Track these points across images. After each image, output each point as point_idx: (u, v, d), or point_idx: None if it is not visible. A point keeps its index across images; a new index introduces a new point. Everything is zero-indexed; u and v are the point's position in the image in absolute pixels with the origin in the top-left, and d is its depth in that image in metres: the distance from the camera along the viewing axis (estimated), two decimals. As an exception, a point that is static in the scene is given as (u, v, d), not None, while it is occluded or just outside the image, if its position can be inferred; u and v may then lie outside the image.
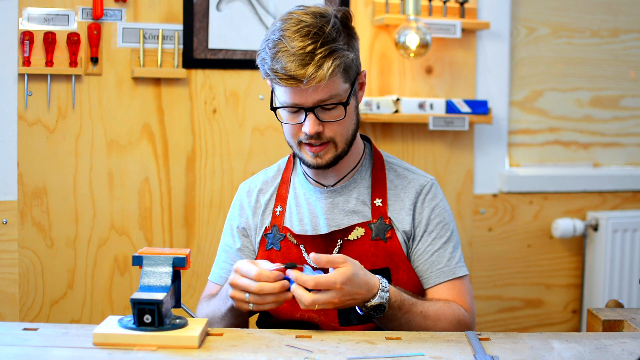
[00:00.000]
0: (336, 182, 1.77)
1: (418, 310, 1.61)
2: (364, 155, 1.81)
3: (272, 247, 1.76)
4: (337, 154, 1.69)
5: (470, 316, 1.72)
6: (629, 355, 1.38)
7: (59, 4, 2.47)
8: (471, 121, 2.75)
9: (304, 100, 1.61)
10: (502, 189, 2.89)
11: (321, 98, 1.61)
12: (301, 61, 1.56)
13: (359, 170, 1.79)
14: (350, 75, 1.66)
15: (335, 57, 1.58)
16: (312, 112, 1.62)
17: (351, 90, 1.66)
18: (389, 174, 1.79)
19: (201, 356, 1.34)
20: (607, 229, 2.85)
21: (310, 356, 1.35)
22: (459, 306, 1.71)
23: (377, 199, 1.75)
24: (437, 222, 1.76)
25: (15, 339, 1.41)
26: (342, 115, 1.65)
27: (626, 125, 3.04)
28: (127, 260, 2.58)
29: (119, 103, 2.55)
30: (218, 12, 2.59)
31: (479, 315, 2.90)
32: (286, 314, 1.71)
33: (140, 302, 1.38)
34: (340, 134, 1.67)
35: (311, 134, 1.63)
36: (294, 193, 1.81)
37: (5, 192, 2.47)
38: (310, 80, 1.56)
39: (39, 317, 2.53)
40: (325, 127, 1.65)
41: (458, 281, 1.75)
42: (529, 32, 2.92)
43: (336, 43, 1.60)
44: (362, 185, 1.77)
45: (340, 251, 1.71)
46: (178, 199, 2.62)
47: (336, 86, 1.62)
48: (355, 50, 1.68)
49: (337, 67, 1.59)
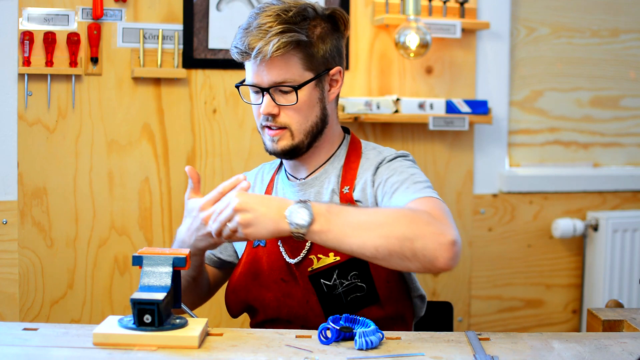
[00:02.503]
0: (308, 175, 1.78)
1: (352, 209, 1.50)
2: (340, 147, 1.79)
3: (258, 243, 1.76)
4: (294, 144, 1.70)
5: (437, 216, 1.48)
6: (629, 355, 1.38)
7: (59, 4, 2.47)
8: (471, 121, 2.75)
9: (260, 80, 1.67)
10: (502, 189, 2.89)
11: (275, 79, 1.65)
12: (255, 36, 1.63)
13: (331, 161, 1.77)
14: (314, 64, 1.68)
15: (287, 36, 1.62)
16: (267, 93, 1.67)
17: (312, 79, 1.68)
18: (363, 160, 1.76)
19: (201, 356, 1.34)
20: (607, 229, 2.85)
21: (310, 356, 1.35)
22: (423, 210, 1.50)
23: (345, 186, 1.72)
24: (393, 168, 1.68)
25: (15, 339, 1.41)
26: (294, 100, 1.66)
27: (626, 125, 3.05)
28: (127, 260, 2.58)
29: (119, 103, 2.55)
30: (218, 12, 2.59)
31: (479, 315, 2.90)
32: (273, 310, 1.73)
33: (140, 302, 1.38)
34: (297, 122, 1.69)
35: (265, 114, 1.69)
36: (276, 189, 1.83)
37: (5, 192, 2.47)
38: (257, 55, 1.62)
39: (39, 317, 2.53)
40: (281, 112, 1.68)
41: (425, 199, 1.56)
42: (529, 32, 2.92)
43: (295, 25, 1.64)
44: (333, 175, 1.75)
45: (312, 245, 1.68)
46: (178, 199, 2.62)
47: (292, 70, 1.66)
48: (327, 44, 1.70)
49: (285, 46, 1.62)
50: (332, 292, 1.67)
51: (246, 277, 1.76)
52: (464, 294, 2.87)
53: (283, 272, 1.72)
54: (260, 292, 1.74)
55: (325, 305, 1.68)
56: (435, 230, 1.44)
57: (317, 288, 1.68)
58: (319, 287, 1.67)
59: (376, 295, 1.67)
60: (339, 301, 1.67)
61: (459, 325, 2.85)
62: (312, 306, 1.69)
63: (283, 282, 1.71)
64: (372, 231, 1.45)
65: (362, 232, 1.45)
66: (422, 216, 1.47)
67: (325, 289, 1.67)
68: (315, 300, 1.68)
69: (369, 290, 1.66)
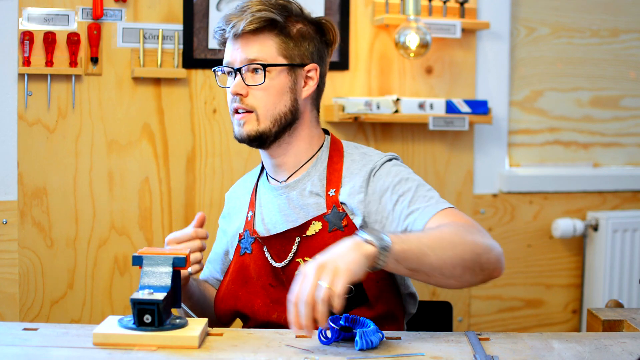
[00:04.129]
0: (289, 177, 1.76)
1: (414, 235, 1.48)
2: (321, 149, 1.77)
3: (245, 251, 1.75)
4: (259, 130, 1.69)
5: (474, 224, 1.54)
6: (629, 355, 1.38)
7: (59, 4, 2.47)
8: (471, 121, 2.75)
9: (233, 59, 1.70)
10: (502, 189, 2.89)
11: (247, 56, 1.67)
12: (234, 15, 1.68)
13: (314, 163, 1.75)
14: (289, 53, 1.69)
15: (263, 13, 1.66)
16: (239, 72, 1.68)
17: (286, 66, 1.69)
18: (346, 162, 1.74)
19: (201, 356, 1.34)
20: (607, 229, 2.85)
21: (310, 356, 1.35)
22: (456, 222, 1.54)
23: (331, 189, 1.70)
24: (395, 183, 1.66)
25: (15, 339, 1.41)
26: (262, 80, 1.67)
27: (626, 125, 3.05)
28: (127, 260, 2.58)
29: (119, 103, 2.55)
30: (218, 12, 2.59)
31: (479, 315, 2.90)
32: (263, 315, 1.71)
33: (140, 302, 1.38)
34: (264, 106, 1.68)
35: (233, 94, 1.69)
36: (259, 195, 1.81)
37: (5, 192, 2.47)
38: (231, 29, 1.67)
39: (39, 317, 2.53)
40: (250, 93, 1.69)
41: (445, 211, 1.58)
42: (529, 32, 2.92)
43: (273, 9, 1.68)
44: (315, 177, 1.73)
45: (298, 249, 1.67)
46: (178, 199, 2.62)
47: (266, 49, 1.68)
48: (306, 41, 1.71)
49: (260, 21, 1.65)
50: None
51: (234, 284, 1.75)
52: (463, 294, 2.87)
53: (270, 278, 1.71)
54: (249, 298, 1.72)
55: None
56: (490, 243, 1.50)
57: None
58: None
59: (365, 296, 1.65)
60: None
61: (458, 325, 2.85)
62: None
63: (271, 287, 1.70)
64: (448, 250, 1.45)
65: (439, 252, 1.44)
66: (472, 230, 1.51)
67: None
68: None
69: (358, 291, 1.64)
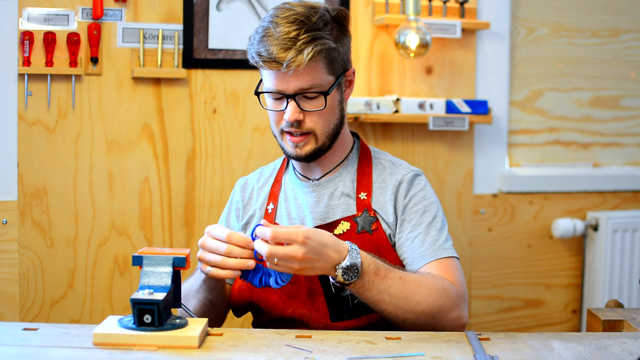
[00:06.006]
0: (322, 176, 1.79)
1: (397, 275, 1.56)
2: (352, 151, 1.83)
3: None
4: (317, 147, 1.71)
5: (457, 290, 1.63)
6: (629, 355, 1.38)
7: (59, 4, 2.47)
8: (471, 121, 2.75)
9: (285, 87, 1.66)
10: (502, 189, 2.89)
11: (302, 86, 1.65)
12: (283, 45, 1.61)
13: (345, 165, 1.80)
14: (335, 68, 1.69)
15: (317, 44, 1.62)
16: (293, 99, 1.66)
17: (335, 82, 1.69)
18: (376, 168, 1.80)
19: (201, 356, 1.34)
20: (607, 229, 2.85)
21: (310, 356, 1.35)
22: (444, 278, 1.63)
23: (362, 192, 1.75)
24: (416, 210, 1.74)
25: (15, 339, 1.41)
26: (322, 105, 1.67)
27: (626, 125, 3.05)
28: (127, 260, 2.58)
29: (119, 103, 2.55)
30: (218, 12, 2.59)
31: (479, 315, 2.90)
32: (278, 310, 1.72)
33: (140, 302, 1.38)
34: (321, 127, 1.70)
35: (291, 122, 1.67)
36: (284, 189, 1.83)
37: (5, 192, 2.47)
38: (289, 64, 1.61)
39: (39, 317, 2.53)
40: (306, 117, 1.68)
41: (444, 261, 1.68)
42: (529, 32, 2.92)
43: (320, 32, 1.64)
44: (347, 179, 1.78)
45: None
46: (178, 199, 2.62)
47: (318, 75, 1.66)
48: (343, 46, 1.72)
49: (317, 54, 1.63)
50: (339, 293, 1.67)
51: None
52: (464, 294, 2.87)
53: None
54: (266, 293, 1.74)
55: (332, 306, 1.68)
56: (455, 315, 1.59)
57: (325, 288, 1.68)
58: (327, 288, 1.68)
59: None
60: (346, 303, 1.67)
61: (459, 325, 2.85)
62: (317, 307, 1.69)
63: (289, 283, 1.72)
64: (406, 305, 1.55)
65: (397, 302, 1.54)
66: (450, 292, 1.59)
67: (333, 289, 1.67)
68: (321, 301, 1.68)
69: None
